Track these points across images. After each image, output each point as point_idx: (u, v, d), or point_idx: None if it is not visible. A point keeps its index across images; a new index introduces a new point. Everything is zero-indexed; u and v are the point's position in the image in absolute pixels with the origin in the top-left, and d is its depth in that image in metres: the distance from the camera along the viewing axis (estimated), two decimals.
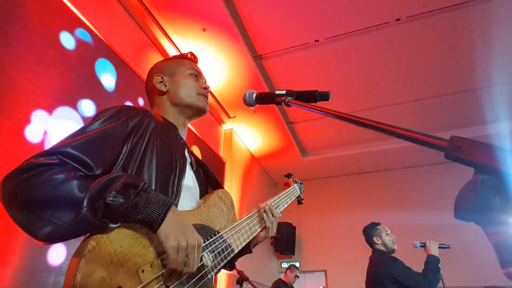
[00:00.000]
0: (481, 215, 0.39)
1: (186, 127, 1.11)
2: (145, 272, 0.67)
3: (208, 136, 5.12)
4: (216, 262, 0.84)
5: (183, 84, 1.09)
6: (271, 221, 1.12)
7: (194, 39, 4.00)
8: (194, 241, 0.72)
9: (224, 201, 1.00)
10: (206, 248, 0.82)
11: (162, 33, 3.86)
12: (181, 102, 1.07)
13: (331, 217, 7.48)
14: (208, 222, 0.89)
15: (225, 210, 0.99)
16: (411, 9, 3.83)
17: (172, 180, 0.88)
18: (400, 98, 5.34)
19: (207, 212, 0.91)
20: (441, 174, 6.85)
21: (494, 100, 4.87)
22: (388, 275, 2.30)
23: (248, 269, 3.84)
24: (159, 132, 0.92)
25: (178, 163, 0.92)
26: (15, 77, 2.12)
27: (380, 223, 2.63)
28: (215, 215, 0.94)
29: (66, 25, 2.61)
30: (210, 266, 0.82)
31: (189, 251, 0.71)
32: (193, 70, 1.13)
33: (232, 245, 0.91)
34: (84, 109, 2.61)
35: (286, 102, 0.91)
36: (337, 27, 4.07)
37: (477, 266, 5.68)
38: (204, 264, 0.80)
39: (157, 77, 1.10)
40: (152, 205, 0.70)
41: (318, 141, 6.68)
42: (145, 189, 0.72)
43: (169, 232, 0.70)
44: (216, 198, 0.98)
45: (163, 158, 0.88)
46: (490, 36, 4.08)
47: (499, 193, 0.39)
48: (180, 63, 1.15)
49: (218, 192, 1.02)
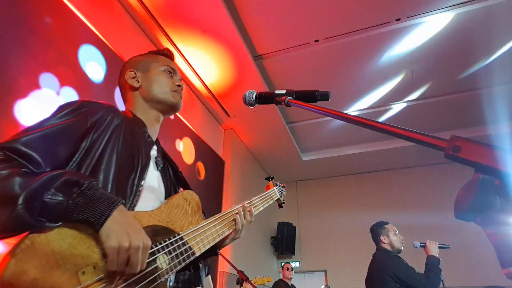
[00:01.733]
0: (481, 215, 0.39)
1: (159, 123, 1.09)
2: (85, 274, 0.64)
3: (208, 136, 5.12)
4: (173, 264, 0.81)
5: (156, 80, 1.06)
6: (243, 224, 1.10)
7: (194, 39, 4.00)
8: (139, 242, 0.69)
9: (189, 202, 0.96)
10: (162, 250, 0.79)
11: (162, 33, 3.86)
12: (153, 98, 1.05)
13: (331, 217, 7.48)
14: (168, 223, 0.86)
15: (189, 212, 0.95)
16: (411, 10, 3.83)
17: (131, 180, 0.85)
18: (399, 98, 5.34)
19: (168, 213, 0.88)
20: (441, 174, 6.85)
21: (494, 100, 4.87)
22: (391, 273, 2.29)
23: (248, 269, 3.84)
24: (123, 130, 0.90)
25: (139, 162, 0.89)
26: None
27: (388, 222, 2.60)
28: (177, 216, 0.90)
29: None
30: (164, 269, 0.78)
31: (131, 252, 0.68)
32: (167, 66, 1.10)
33: (194, 247, 0.88)
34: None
35: (286, 102, 0.91)
36: (337, 27, 4.07)
37: (477, 266, 5.68)
38: (158, 266, 0.77)
39: (129, 73, 1.07)
40: (95, 204, 0.68)
41: (318, 141, 6.67)
42: (90, 187, 0.70)
43: (111, 232, 0.67)
44: (180, 199, 0.94)
45: (124, 157, 0.86)
46: (490, 36, 4.08)
47: (499, 193, 0.39)
48: (155, 59, 1.11)
49: (183, 193, 0.97)
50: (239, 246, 5.44)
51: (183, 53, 4.20)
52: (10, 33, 2.14)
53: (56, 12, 2.54)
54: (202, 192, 4.56)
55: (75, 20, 2.72)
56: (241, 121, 5.71)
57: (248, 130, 6.00)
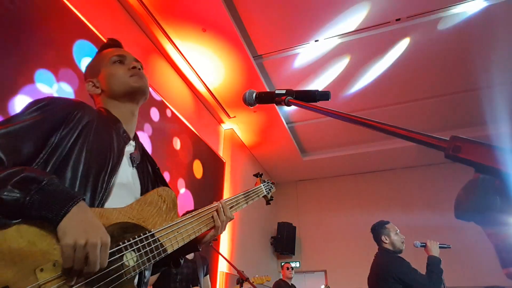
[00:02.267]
0: (481, 215, 0.39)
1: (134, 115, 1.06)
2: (44, 271, 0.63)
3: (208, 136, 5.12)
4: (141, 261, 0.80)
5: (110, 75, 1.02)
6: (222, 220, 1.07)
7: (194, 39, 4.00)
8: (96, 239, 0.68)
9: (164, 199, 0.94)
10: (130, 247, 0.78)
11: (162, 33, 3.86)
12: (116, 93, 1.02)
13: (331, 217, 7.48)
14: (139, 220, 0.85)
15: (164, 209, 0.93)
16: (411, 9, 3.83)
17: (102, 177, 0.84)
18: (400, 98, 5.34)
19: (140, 210, 0.87)
20: (441, 174, 6.85)
21: (494, 100, 4.87)
22: (394, 275, 2.29)
23: (248, 269, 3.84)
24: (95, 126, 0.89)
25: (111, 158, 0.88)
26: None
27: (389, 222, 2.59)
28: (150, 213, 0.89)
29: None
30: (131, 266, 0.77)
31: (89, 249, 0.67)
32: (114, 57, 1.05)
33: (166, 244, 0.87)
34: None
35: (286, 102, 0.91)
36: (337, 27, 4.07)
37: (477, 266, 5.68)
38: (124, 263, 0.76)
39: (88, 84, 1.05)
40: (53, 201, 0.67)
41: (318, 141, 6.67)
42: (50, 184, 0.69)
43: (67, 229, 0.67)
44: (155, 196, 0.93)
45: (95, 154, 0.85)
46: (490, 36, 4.08)
47: (499, 193, 0.39)
48: (101, 57, 1.07)
49: (158, 190, 0.95)
50: (239, 246, 5.44)
51: (183, 53, 4.20)
52: (4, 29, 2.15)
53: (51, 8, 2.54)
54: (202, 192, 4.56)
55: (72, 16, 2.71)
56: (241, 121, 5.71)
57: (248, 130, 6.00)
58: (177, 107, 4.18)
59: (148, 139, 3.50)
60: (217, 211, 1.07)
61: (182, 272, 2.36)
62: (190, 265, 2.44)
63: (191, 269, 2.42)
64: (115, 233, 0.77)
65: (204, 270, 2.61)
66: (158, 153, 3.70)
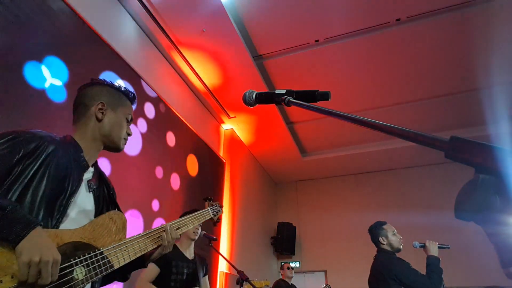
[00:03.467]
0: (481, 215, 0.39)
1: (98, 152, 1.17)
2: (3, 282, 0.74)
3: (208, 136, 5.12)
4: (89, 275, 0.91)
5: (119, 124, 1.17)
6: (169, 240, 1.19)
7: (194, 39, 4.00)
8: (48, 257, 0.79)
9: (115, 221, 1.06)
10: (80, 263, 0.90)
11: (162, 33, 3.86)
12: (109, 137, 1.15)
13: (331, 217, 7.48)
14: (90, 240, 0.96)
15: (113, 230, 1.05)
16: (411, 9, 3.83)
17: (60, 201, 0.95)
18: (400, 98, 5.34)
19: (91, 231, 0.98)
20: (441, 174, 6.85)
21: (494, 100, 4.87)
22: (394, 276, 2.29)
23: (248, 269, 3.84)
24: (57, 155, 0.99)
25: (69, 185, 0.99)
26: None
27: (386, 222, 2.60)
28: (100, 234, 1.00)
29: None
30: (80, 279, 0.89)
31: (41, 266, 0.78)
32: (130, 115, 1.22)
33: (113, 261, 0.98)
34: None
35: (286, 102, 0.91)
36: (337, 27, 4.07)
37: (477, 266, 5.68)
38: (74, 277, 0.87)
39: (98, 105, 1.14)
40: (14, 226, 0.79)
41: (318, 141, 6.68)
42: (13, 211, 0.81)
43: (23, 250, 0.78)
44: (106, 219, 1.05)
45: (54, 181, 0.95)
46: (490, 36, 4.08)
47: (499, 193, 0.39)
48: (123, 102, 1.21)
49: (110, 213, 1.07)
50: (239, 246, 5.44)
51: (183, 52, 4.20)
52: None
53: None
54: (201, 191, 4.56)
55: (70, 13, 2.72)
56: (241, 121, 5.71)
57: (248, 130, 6.00)
58: (177, 107, 4.18)
59: (141, 137, 3.50)
60: (165, 231, 1.20)
61: (182, 272, 2.36)
62: (190, 265, 2.44)
63: (191, 269, 2.42)
64: (67, 251, 0.89)
65: (203, 271, 2.61)
66: (158, 150, 3.70)
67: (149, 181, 3.47)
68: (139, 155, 3.34)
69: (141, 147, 3.39)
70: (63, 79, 2.52)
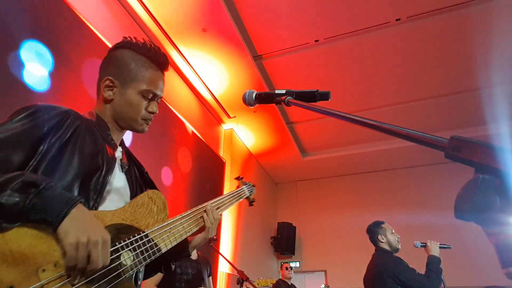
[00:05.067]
0: (481, 215, 0.39)
1: (122, 133, 1.05)
2: (45, 271, 0.65)
3: (208, 136, 5.12)
4: (138, 261, 0.83)
5: (131, 103, 0.98)
6: (211, 222, 1.08)
7: (194, 39, 4.00)
8: (97, 237, 0.70)
9: (154, 201, 0.97)
10: (126, 247, 0.81)
11: (161, 33, 3.86)
12: (121, 120, 1.00)
13: (331, 217, 7.48)
14: (132, 222, 0.88)
15: (155, 211, 0.96)
16: (411, 9, 3.83)
17: (95, 180, 0.86)
18: (400, 98, 5.34)
19: (132, 212, 0.89)
20: (441, 174, 6.85)
21: (494, 100, 4.87)
22: (392, 275, 2.29)
23: (248, 269, 3.84)
24: (84, 132, 0.89)
25: (103, 163, 0.89)
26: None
27: (384, 222, 2.62)
28: (142, 215, 0.92)
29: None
30: (129, 265, 0.80)
31: (91, 247, 0.69)
32: (149, 90, 1.00)
33: (160, 244, 0.90)
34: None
35: (286, 102, 0.91)
36: (337, 27, 4.07)
37: (477, 266, 5.68)
38: (122, 262, 0.79)
39: (106, 81, 0.98)
40: (53, 204, 0.69)
41: (318, 141, 6.67)
42: (48, 188, 0.70)
43: (68, 229, 0.68)
44: (145, 198, 0.96)
45: (86, 159, 0.85)
46: (490, 36, 4.08)
47: (499, 193, 0.38)
48: (141, 73, 1.00)
49: (148, 192, 0.98)
50: (239, 246, 5.44)
51: (183, 53, 4.20)
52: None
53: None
54: (203, 192, 4.56)
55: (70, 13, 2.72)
56: (241, 121, 5.71)
57: (248, 130, 6.00)
58: (176, 107, 4.18)
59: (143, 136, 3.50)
60: (205, 211, 1.09)
61: (187, 272, 2.37)
62: (195, 265, 2.45)
63: (195, 269, 2.43)
64: (111, 234, 0.78)
65: (207, 271, 2.62)
66: (158, 150, 3.70)
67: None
68: (137, 155, 3.33)
69: (139, 146, 3.39)
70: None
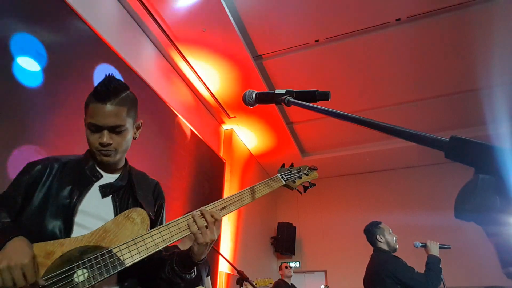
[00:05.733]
0: (481, 214, 0.39)
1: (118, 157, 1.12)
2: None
3: (208, 136, 5.12)
4: (92, 276, 0.90)
5: (87, 137, 1.07)
6: (200, 226, 1.02)
7: (194, 39, 4.00)
8: (15, 261, 0.83)
9: (132, 219, 1.02)
10: (82, 265, 0.91)
11: (161, 33, 3.86)
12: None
13: (331, 217, 7.48)
14: (99, 242, 0.96)
15: (129, 228, 1.01)
16: (411, 9, 3.83)
17: (65, 213, 0.99)
18: (400, 98, 5.34)
19: (101, 234, 0.97)
20: (441, 174, 6.85)
21: (494, 100, 4.87)
22: (391, 274, 2.29)
23: (248, 269, 3.84)
24: (63, 171, 1.05)
25: (73, 197, 1.01)
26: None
27: (381, 222, 2.62)
28: (113, 234, 0.98)
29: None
30: (80, 282, 0.89)
31: (12, 270, 0.82)
32: (90, 123, 1.03)
33: (124, 258, 0.94)
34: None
35: (286, 102, 0.91)
36: (337, 27, 4.07)
37: (477, 266, 5.68)
38: (74, 280, 0.89)
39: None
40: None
41: (318, 141, 6.67)
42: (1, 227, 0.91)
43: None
44: (120, 218, 1.02)
45: (57, 197, 1.00)
46: (490, 36, 4.08)
47: (499, 193, 0.38)
48: (86, 109, 1.05)
49: (126, 212, 1.04)
50: (239, 247, 5.44)
51: (182, 52, 4.20)
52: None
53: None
54: (203, 192, 4.56)
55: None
56: (241, 121, 5.71)
57: (248, 130, 6.00)
58: (177, 107, 4.18)
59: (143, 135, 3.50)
60: (193, 217, 1.04)
61: None
62: None
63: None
64: (72, 257, 0.91)
65: (206, 271, 2.62)
66: (158, 150, 3.70)
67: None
68: (137, 155, 3.34)
69: (139, 146, 3.39)
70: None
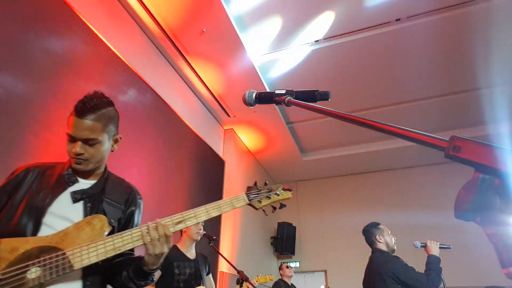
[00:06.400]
0: (481, 215, 0.39)
1: (98, 167, 1.24)
2: None
3: (208, 136, 5.12)
4: (43, 275, 0.97)
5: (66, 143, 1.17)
6: (153, 237, 1.08)
7: (194, 39, 4.00)
8: None
9: (92, 225, 1.09)
10: (37, 264, 0.98)
11: (161, 33, 3.86)
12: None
13: (331, 217, 7.48)
14: (58, 243, 1.03)
15: (88, 233, 1.07)
16: (411, 9, 3.83)
17: (36, 213, 1.07)
18: (400, 98, 5.34)
19: (62, 236, 1.04)
20: (441, 174, 6.85)
21: (494, 100, 4.87)
22: (392, 274, 2.28)
23: (248, 269, 3.84)
24: (44, 176, 1.15)
25: (45, 199, 1.10)
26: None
27: (380, 223, 2.62)
28: (72, 237, 1.05)
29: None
30: (31, 279, 0.96)
31: None
32: (67, 134, 1.14)
33: (74, 262, 1.01)
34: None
35: (286, 102, 0.91)
36: (337, 27, 4.06)
37: (477, 266, 5.68)
38: (26, 276, 0.96)
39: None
40: None
41: (318, 141, 6.67)
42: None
43: None
44: (81, 223, 1.09)
45: (32, 199, 1.09)
46: (490, 36, 4.08)
47: (499, 193, 0.39)
48: (68, 117, 1.15)
49: (88, 217, 1.11)
50: (239, 247, 5.44)
51: (182, 53, 4.20)
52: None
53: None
54: (202, 192, 4.56)
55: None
56: (241, 121, 5.71)
57: (248, 130, 6.00)
58: (177, 107, 4.18)
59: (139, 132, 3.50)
60: (148, 228, 1.11)
61: (185, 273, 2.36)
62: (193, 264, 2.44)
63: (193, 269, 2.42)
64: (32, 255, 0.98)
65: (206, 269, 2.61)
66: (158, 150, 3.70)
67: (149, 181, 3.47)
68: (138, 155, 3.34)
69: (140, 146, 3.39)
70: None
